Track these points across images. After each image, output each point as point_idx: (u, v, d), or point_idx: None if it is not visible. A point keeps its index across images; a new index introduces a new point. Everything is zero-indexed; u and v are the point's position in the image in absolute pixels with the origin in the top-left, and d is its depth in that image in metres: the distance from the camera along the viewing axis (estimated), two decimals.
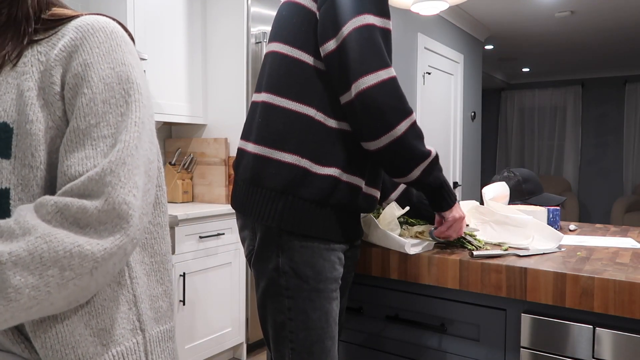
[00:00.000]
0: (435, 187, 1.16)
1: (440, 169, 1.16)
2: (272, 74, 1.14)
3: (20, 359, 0.69)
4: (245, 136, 1.19)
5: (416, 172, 1.11)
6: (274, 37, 1.17)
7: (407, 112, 1.06)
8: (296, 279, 1.08)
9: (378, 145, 1.07)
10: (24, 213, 0.62)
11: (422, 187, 1.16)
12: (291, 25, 1.13)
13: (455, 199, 1.22)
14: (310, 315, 1.09)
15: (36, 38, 0.71)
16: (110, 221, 0.62)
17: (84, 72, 0.67)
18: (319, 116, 1.08)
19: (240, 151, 1.19)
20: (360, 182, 1.12)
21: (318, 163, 1.07)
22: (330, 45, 1.07)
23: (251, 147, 1.14)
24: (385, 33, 1.09)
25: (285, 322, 1.10)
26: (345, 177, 1.09)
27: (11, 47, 0.70)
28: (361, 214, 1.24)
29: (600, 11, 4.71)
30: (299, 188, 1.06)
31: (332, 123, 1.09)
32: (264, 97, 1.14)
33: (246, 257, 1.20)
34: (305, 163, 1.07)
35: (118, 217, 0.63)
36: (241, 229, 1.19)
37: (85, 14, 0.72)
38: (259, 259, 1.12)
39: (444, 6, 2.60)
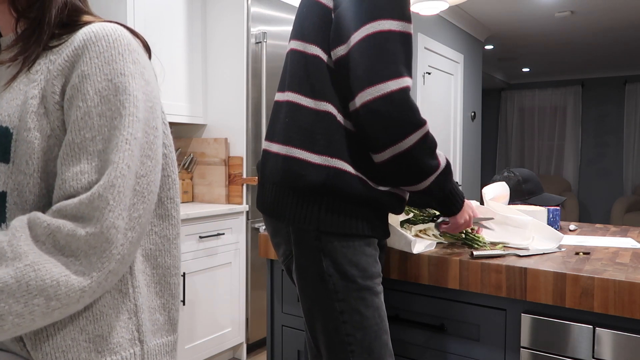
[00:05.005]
0: (442, 196, 1.14)
1: (449, 179, 1.13)
2: (293, 72, 1.13)
3: (19, 357, 0.69)
4: (270, 137, 1.16)
5: (423, 185, 1.08)
6: (294, 34, 1.16)
7: (417, 124, 1.02)
8: (343, 281, 1.06)
9: (382, 158, 1.04)
10: (19, 234, 0.62)
11: (429, 196, 1.13)
12: (309, 23, 1.12)
13: (462, 203, 1.20)
14: (364, 314, 1.07)
15: (51, 45, 0.71)
16: (99, 245, 0.63)
17: (81, 84, 0.67)
18: (339, 115, 1.06)
19: (266, 152, 1.16)
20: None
21: (347, 162, 1.05)
22: (341, 50, 1.05)
23: (278, 148, 1.11)
24: (405, 37, 1.03)
25: (339, 326, 1.07)
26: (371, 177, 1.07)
27: (30, 53, 0.70)
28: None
29: (600, 11, 4.71)
30: (334, 188, 1.04)
31: (348, 124, 1.07)
32: (288, 96, 1.12)
33: (282, 263, 1.18)
34: (336, 163, 1.05)
35: (107, 242, 0.63)
36: (274, 235, 1.16)
37: (97, 21, 0.72)
38: (301, 265, 1.09)
39: (444, 6, 2.60)
